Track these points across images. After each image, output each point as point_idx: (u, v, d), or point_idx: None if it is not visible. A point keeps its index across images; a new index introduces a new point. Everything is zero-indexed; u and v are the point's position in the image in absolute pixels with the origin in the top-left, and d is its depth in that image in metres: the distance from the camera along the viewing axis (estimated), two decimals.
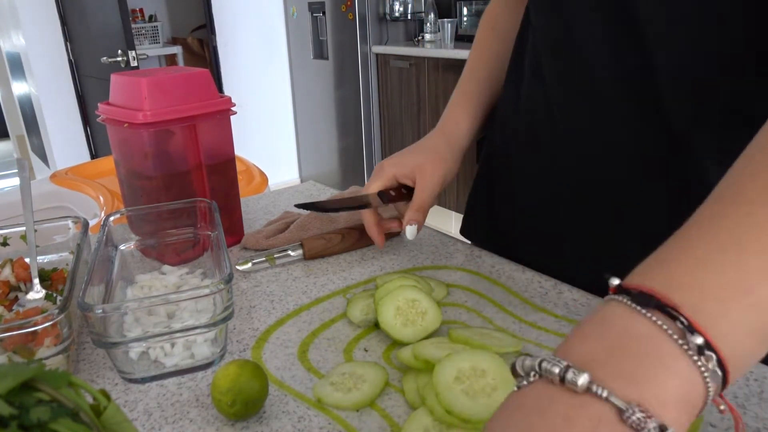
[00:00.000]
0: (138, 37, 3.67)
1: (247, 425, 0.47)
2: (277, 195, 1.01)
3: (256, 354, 0.56)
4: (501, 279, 0.68)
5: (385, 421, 0.46)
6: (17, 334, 0.48)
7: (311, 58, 3.70)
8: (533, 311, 0.61)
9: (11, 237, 0.67)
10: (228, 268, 0.54)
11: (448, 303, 0.63)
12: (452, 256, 0.75)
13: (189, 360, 0.53)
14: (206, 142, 0.73)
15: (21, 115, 4.37)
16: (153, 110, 0.68)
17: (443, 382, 0.43)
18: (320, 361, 0.54)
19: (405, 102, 3.22)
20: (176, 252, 0.70)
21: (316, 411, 0.48)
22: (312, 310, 0.63)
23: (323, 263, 0.74)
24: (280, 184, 4.00)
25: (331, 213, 0.77)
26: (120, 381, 0.53)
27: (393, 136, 3.39)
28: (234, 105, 0.75)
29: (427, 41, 3.22)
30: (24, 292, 0.62)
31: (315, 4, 3.50)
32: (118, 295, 0.62)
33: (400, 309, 0.56)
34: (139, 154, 0.71)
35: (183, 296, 0.52)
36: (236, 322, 0.61)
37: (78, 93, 3.44)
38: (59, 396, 0.30)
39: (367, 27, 3.25)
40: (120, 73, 0.74)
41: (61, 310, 0.49)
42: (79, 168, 2.04)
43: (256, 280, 0.70)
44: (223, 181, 0.77)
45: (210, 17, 3.60)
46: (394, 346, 0.56)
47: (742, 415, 0.45)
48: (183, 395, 0.51)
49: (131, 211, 0.71)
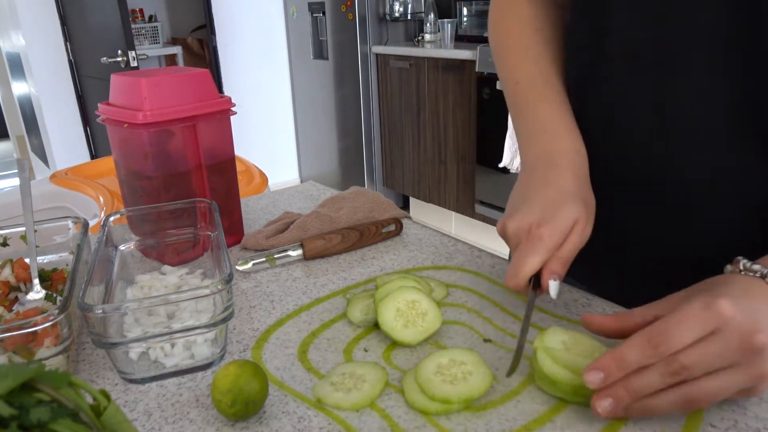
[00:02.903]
0: (138, 37, 3.67)
1: (247, 425, 0.47)
2: (277, 195, 1.01)
3: (256, 354, 0.56)
4: (501, 279, 0.68)
5: (385, 421, 0.46)
6: (17, 334, 0.48)
7: (311, 58, 3.70)
8: (533, 311, 0.61)
9: (11, 237, 0.67)
10: (228, 269, 0.54)
11: (448, 303, 0.63)
12: (452, 256, 0.75)
13: (189, 360, 0.53)
14: (206, 142, 0.73)
15: (21, 115, 4.36)
16: (153, 110, 0.68)
17: (424, 376, 0.48)
18: (320, 361, 0.54)
19: (405, 102, 3.22)
20: (176, 252, 0.70)
21: (316, 411, 0.48)
22: (312, 310, 0.63)
23: (323, 263, 0.74)
24: (280, 184, 4.00)
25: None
26: (120, 381, 0.53)
27: (393, 136, 3.39)
28: (234, 105, 0.75)
29: (427, 41, 3.21)
30: (24, 293, 0.62)
31: (315, 4, 3.50)
32: (118, 295, 0.62)
33: (400, 310, 0.56)
34: (139, 154, 0.71)
35: (183, 296, 0.52)
36: (236, 322, 0.61)
37: (78, 93, 3.44)
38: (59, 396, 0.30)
39: (367, 27, 3.25)
40: (120, 73, 0.74)
41: (61, 311, 0.49)
42: (79, 168, 2.04)
43: (256, 281, 0.70)
44: (223, 181, 0.77)
45: (210, 17, 3.60)
46: (394, 346, 0.56)
47: (742, 415, 0.45)
48: (183, 395, 0.51)
49: (131, 211, 0.71)
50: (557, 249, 0.55)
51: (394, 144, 3.41)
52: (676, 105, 0.57)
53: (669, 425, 0.44)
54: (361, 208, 0.83)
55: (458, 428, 0.45)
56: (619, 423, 0.45)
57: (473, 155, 2.89)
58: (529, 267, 0.54)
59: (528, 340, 0.56)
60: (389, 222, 0.80)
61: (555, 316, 0.60)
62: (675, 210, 0.61)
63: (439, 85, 2.96)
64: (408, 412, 0.47)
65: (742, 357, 0.42)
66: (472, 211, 2.99)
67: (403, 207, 3.56)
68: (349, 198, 0.85)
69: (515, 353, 0.51)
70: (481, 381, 0.47)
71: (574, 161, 0.61)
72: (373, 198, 0.86)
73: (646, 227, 0.64)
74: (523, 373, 0.51)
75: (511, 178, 2.69)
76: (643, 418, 0.45)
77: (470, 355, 0.50)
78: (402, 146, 3.34)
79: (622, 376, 0.43)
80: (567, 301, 0.63)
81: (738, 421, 0.45)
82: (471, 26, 3.21)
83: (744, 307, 0.42)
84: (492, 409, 0.47)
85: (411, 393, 0.48)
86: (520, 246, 0.56)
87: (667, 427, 0.44)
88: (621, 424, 0.45)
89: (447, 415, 0.46)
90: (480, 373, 0.48)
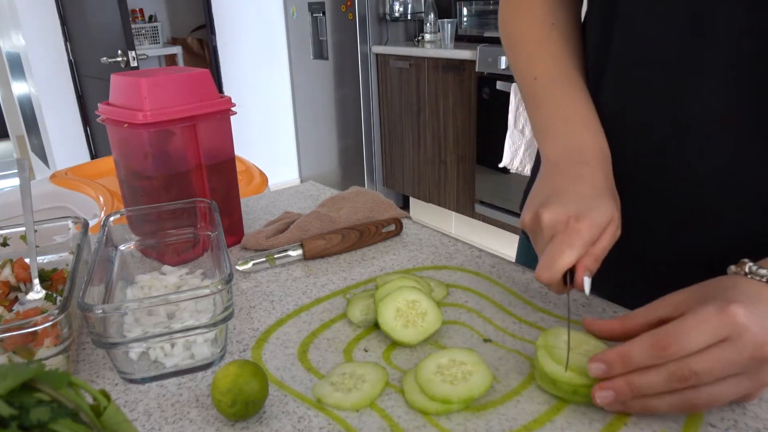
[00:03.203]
0: (138, 37, 3.67)
1: (247, 425, 0.47)
2: (277, 195, 1.01)
3: (256, 354, 0.56)
4: (501, 279, 0.68)
5: (385, 421, 0.46)
6: (17, 334, 0.48)
7: (311, 58, 3.70)
8: (533, 311, 0.61)
9: (11, 237, 0.67)
10: (228, 269, 0.54)
11: (448, 303, 0.63)
12: (452, 256, 0.75)
13: (189, 360, 0.53)
14: (206, 142, 0.73)
15: (21, 115, 4.36)
16: (153, 110, 0.68)
17: (424, 376, 0.49)
18: (320, 361, 0.54)
19: (405, 102, 3.22)
20: (176, 252, 0.70)
21: (316, 411, 0.48)
22: (312, 310, 0.63)
23: (323, 263, 0.74)
24: (280, 184, 4.00)
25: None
26: (120, 381, 0.53)
27: (393, 136, 3.39)
28: (234, 105, 0.75)
29: (427, 41, 3.21)
30: (24, 293, 0.62)
31: (315, 4, 3.50)
32: (118, 295, 0.62)
33: (401, 310, 0.56)
34: (139, 154, 0.71)
35: (183, 296, 0.51)
36: (236, 322, 0.61)
37: (78, 93, 3.44)
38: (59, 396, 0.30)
39: (367, 27, 3.25)
40: (120, 73, 0.74)
41: (61, 311, 0.49)
42: (79, 168, 2.04)
43: (256, 281, 0.70)
44: (223, 181, 0.77)
45: (210, 17, 3.60)
46: (394, 346, 0.56)
47: (742, 415, 0.45)
48: (183, 395, 0.51)
49: (131, 211, 0.71)
50: (592, 245, 0.53)
51: (394, 144, 3.41)
52: (688, 104, 0.56)
53: (669, 425, 0.44)
54: (361, 208, 0.83)
55: (458, 428, 0.45)
56: (619, 423, 0.45)
57: (473, 155, 2.89)
58: (567, 260, 0.52)
59: (530, 340, 0.56)
60: (389, 222, 0.80)
61: (555, 316, 0.60)
62: (687, 211, 0.60)
63: (439, 85, 2.96)
64: (408, 412, 0.47)
65: (751, 365, 0.41)
66: (472, 211, 2.99)
67: (403, 207, 3.56)
68: (349, 198, 0.85)
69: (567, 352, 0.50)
70: (481, 381, 0.47)
71: (603, 160, 0.60)
72: (373, 198, 0.86)
73: (658, 228, 0.63)
74: (523, 373, 0.51)
75: (512, 178, 2.69)
76: (642, 418, 0.45)
77: (470, 355, 0.50)
78: (402, 146, 3.34)
79: (624, 372, 0.43)
80: (567, 301, 0.63)
81: (738, 421, 0.45)
82: (471, 26, 3.20)
83: (757, 315, 0.41)
84: (492, 409, 0.47)
85: (411, 393, 0.48)
86: (555, 238, 0.53)
87: (667, 427, 0.44)
88: (621, 424, 0.45)
89: (447, 415, 0.46)
90: (480, 373, 0.48)
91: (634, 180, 0.63)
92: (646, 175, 0.62)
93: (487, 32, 3.06)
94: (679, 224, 0.61)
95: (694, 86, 0.55)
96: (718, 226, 0.58)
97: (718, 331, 0.41)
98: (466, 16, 3.22)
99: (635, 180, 0.63)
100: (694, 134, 0.57)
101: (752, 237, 0.57)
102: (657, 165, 0.61)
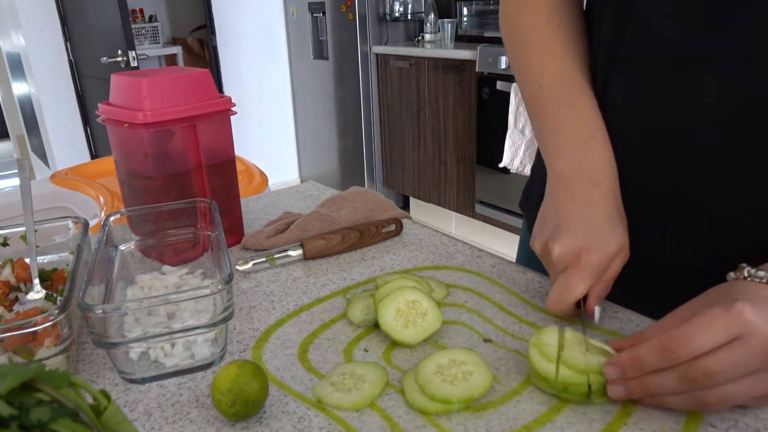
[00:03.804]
0: (138, 37, 3.67)
1: (247, 425, 0.47)
2: (277, 195, 1.01)
3: (256, 354, 0.56)
4: (501, 279, 0.68)
5: (385, 421, 0.46)
6: (17, 334, 0.48)
7: (311, 58, 3.70)
8: (533, 311, 0.61)
9: (11, 237, 0.67)
10: (228, 269, 0.54)
11: (449, 303, 0.63)
12: (452, 256, 0.75)
13: (189, 360, 0.53)
14: (206, 142, 0.73)
15: (21, 115, 4.37)
16: (153, 110, 0.68)
17: (424, 376, 0.49)
18: (320, 361, 0.54)
19: (405, 102, 3.22)
20: (176, 252, 0.70)
21: (316, 411, 0.48)
22: (312, 310, 0.63)
23: (323, 263, 0.74)
24: (280, 184, 4.00)
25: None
26: (120, 381, 0.53)
27: (393, 136, 3.39)
28: (234, 105, 0.75)
29: (427, 41, 3.21)
30: (24, 293, 0.62)
31: (315, 4, 3.50)
32: (118, 295, 0.62)
33: (401, 310, 0.56)
34: (139, 154, 0.71)
35: (183, 296, 0.51)
36: (236, 322, 0.61)
37: (78, 93, 3.44)
38: (59, 396, 0.30)
39: (367, 27, 3.25)
40: (120, 73, 0.74)
41: (61, 311, 0.49)
42: (79, 168, 2.04)
43: (256, 280, 0.70)
44: (223, 181, 0.77)
45: (210, 17, 3.60)
46: (394, 346, 0.56)
47: (742, 415, 0.45)
48: (183, 396, 0.51)
49: (131, 211, 0.71)
50: (603, 273, 0.55)
51: (394, 144, 3.41)
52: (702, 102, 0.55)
53: (669, 425, 0.44)
54: (361, 208, 0.83)
55: (458, 428, 0.45)
56: (619, 423, 0.45)
57: (473, 155, 2.89)
58: (578, 293, 0.55)
59: (525, 339, 0.56)
60: (389, 222, 0.80)
61: (555, 316, 0.60)
62: (699, 210, 0.59)
63: (439, 85, 2.96)
64: (408, 412, 0.47)
65: (765, 364, 0.41)
66: (472, 211, 2.99)
67: (403, 207, 3.56)
68: (349, 198, 0.85)
69: None
70: (481, 381, 0.48)
71: (612, 178, 0.60)
72: (373, 198, 0.86)
73: (669, 228, 0.62)
74: (523, 373, 0.51)
75: (511, 178, 2.69)
76: (642, 418, 0.45)
77: (470, 355, 0.50)
78: (402, 146, 3.34)
79: (637, 376, 0.44)
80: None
81: (738, 420, 0.45)
82: (471, 26, 3.20)
83: (764, 312, 0.41)
84: (492, 409, 0.47)
85: (411, 393, 0.48)
86: (567, 271, 0.55)
87: (667, 427, 0.44)
88: (621, 424, 0.45)
89: (447, 415, 0.46)
90: (480, 373, 0.48)
91: (645, 178, 0.61)
92: (657, 174, 0.61)
93: (488, 32, 3.06)
94: (691, 224, 0.60)
95: (708, 84, 0.55)
96: (731, 226, 0.57)
97: (729, 329, 0.41)
98: (466, 16, 3.21)
99: (645, 178, 0.61)
100: (707, 132, 0.56)
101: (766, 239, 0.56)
102: (668, 163, 0.59)
